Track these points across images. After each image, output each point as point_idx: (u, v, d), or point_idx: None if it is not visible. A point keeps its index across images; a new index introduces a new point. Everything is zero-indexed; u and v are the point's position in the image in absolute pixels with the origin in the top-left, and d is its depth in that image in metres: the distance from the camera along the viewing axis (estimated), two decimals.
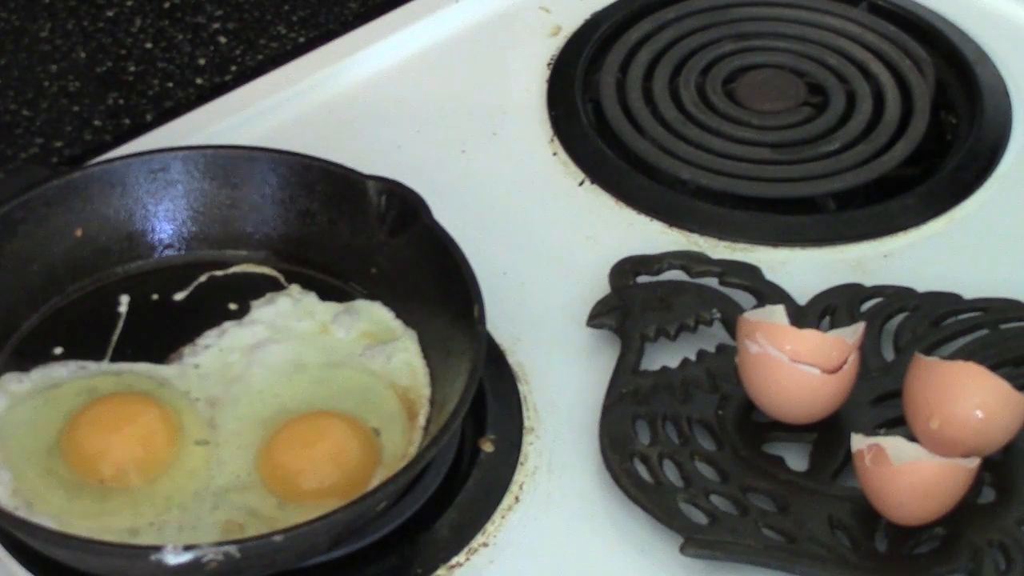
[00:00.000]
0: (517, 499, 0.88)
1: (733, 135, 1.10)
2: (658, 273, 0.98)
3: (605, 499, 0.88)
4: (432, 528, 0.86)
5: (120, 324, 0.94)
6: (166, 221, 0.97)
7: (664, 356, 0.94)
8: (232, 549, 0.77)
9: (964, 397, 0.85)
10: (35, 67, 1.15)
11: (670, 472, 0.88)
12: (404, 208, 0.94)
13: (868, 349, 0.93)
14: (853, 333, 0.89)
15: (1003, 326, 0.95)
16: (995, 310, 0.96)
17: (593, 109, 1.13)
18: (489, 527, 0.87)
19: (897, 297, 0.97)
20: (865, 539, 0.85)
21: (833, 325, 0.94)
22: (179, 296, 0.96)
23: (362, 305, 0.95)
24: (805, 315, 0.95)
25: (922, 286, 0.98)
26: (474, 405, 0.88)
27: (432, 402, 0.90)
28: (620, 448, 0.88)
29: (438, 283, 0.92)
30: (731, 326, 0.94)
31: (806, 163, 1.08)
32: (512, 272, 1.00)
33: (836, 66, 1.15)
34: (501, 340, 0.95)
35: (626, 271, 0.98)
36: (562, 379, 0.94)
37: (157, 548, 0.77)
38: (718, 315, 0.96)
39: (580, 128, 1.10)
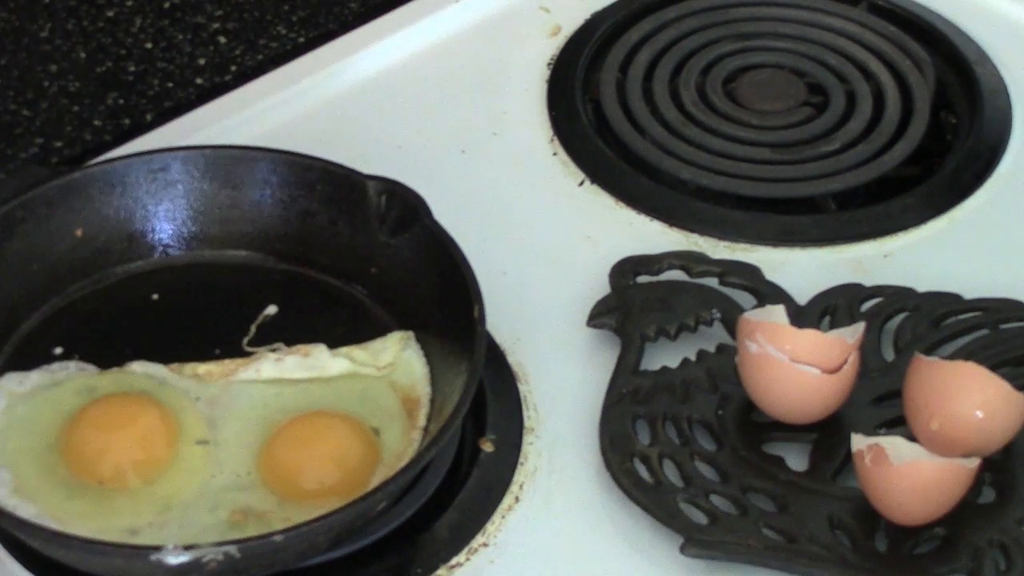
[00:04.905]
0: (517, 499, 0.88)
1: (733, 135, 1.10)
2: (658, 273, 0.98)
3: (605, 499, 0.88)
4: (432, 528, 0.86)
5: (120, 324, 0.94)
6: (166, 221, 0.97)
7: (664, 356, 0.94)
8: (232, 549, 0.77)
9: (964, 397, 0.85)
10: (35, 67, 1.15)
11: (670, 472, 0.88)
12: (404, 208, 0.94)
13: (868, 349, 0.93)
14: (853, 333, 0.89)
15: (1003, 326, 0.95)
16: (995, 310, 0.96)
17: (593, 109, 1.13)
18: (489, 527, 0.87)
19: (897, 297, 0.97)
20: (865, 539, 0.84)
21: (833, 325, 0.94)
22: (179, 296, 0.96)
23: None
24: (805, 315, 0.95)
25: (922, 286, 0.98)
26: (474, 405, 0.88)
27: (432, 402, 0.90)
28: (620, 448, 0.88)
29: (438, 283, 0.92)
30: (731, 326, 0.94)
31: (806, 163, 1.08)
32: (512, 272, 1.00)
33: (836, 66, 1.15)
34: (501, 340, 0.95)
35: (626, 271, 0.98)
36: (562, 379, 0.94)
37: (157, 548, 0.77)
38: (718, 315, 0.96)
39: (580, 128, 1.10)
